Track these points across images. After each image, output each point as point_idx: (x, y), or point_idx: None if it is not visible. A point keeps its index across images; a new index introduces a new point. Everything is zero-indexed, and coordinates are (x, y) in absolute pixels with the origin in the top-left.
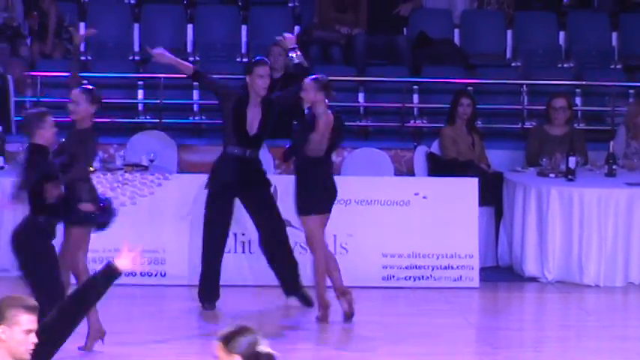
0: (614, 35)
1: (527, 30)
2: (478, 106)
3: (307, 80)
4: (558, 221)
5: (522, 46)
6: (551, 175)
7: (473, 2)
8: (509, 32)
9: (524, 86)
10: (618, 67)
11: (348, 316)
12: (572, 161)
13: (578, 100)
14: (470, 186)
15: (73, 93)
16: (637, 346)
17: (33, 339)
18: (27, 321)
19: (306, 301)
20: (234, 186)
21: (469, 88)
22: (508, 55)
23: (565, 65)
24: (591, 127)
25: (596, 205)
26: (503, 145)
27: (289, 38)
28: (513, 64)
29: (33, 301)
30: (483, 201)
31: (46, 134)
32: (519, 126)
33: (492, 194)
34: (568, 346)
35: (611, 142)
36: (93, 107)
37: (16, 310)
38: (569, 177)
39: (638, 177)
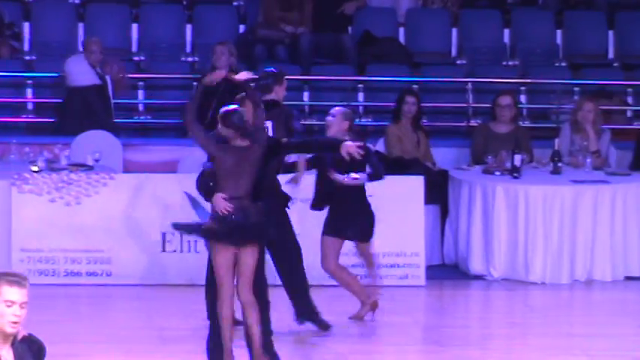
0: (559, 33)
1: (472, 28)
2: (423, 105)
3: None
4: (504, 219)
5: (467, 44)
6: (497, 172)
7: (417, 1)
8: (454, 30)
9: (470, 84)
10: (563, 64)
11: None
12: (517, 159)
13: (523, 98)
14: (415, 184)
15: None
16: (582, 343)
17: (15, 311)
18: (8, 292)
19: None
20: None
21: (414, 86)
22: (453, 53)
23: (510, 63)
24: (536, 125)
25: (541, 203)
26: (448, 143)
27: None
28: (458, 62)
29: (20, 275)
30: (429, 199)
31: None
32: (464, 124)
33: (438, 192)
34: (514, 343)
35: (556, 140)
36: None
37: None
38: (515, 174)
39: (583, 174)
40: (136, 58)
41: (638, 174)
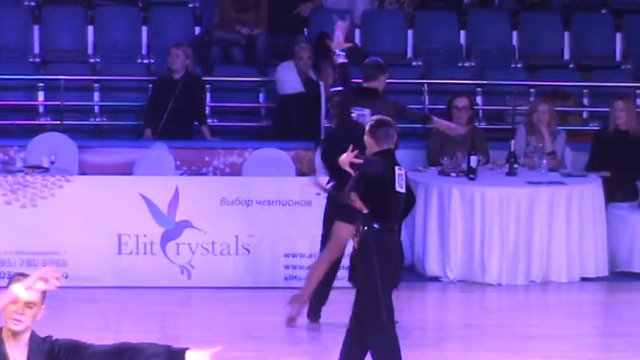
0: (515, 34)
1: (427, 29)
2: None
3: None
4: (460, 220)
5: (423, 46)
6: (453, 174)
7: (373, 2)
8: (409, 32)
9: (425, 85)
10: (519, 66)
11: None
12: (473, 160)
13: (479, 100)
14: None
15: None
16: (538, 344)
17: (18, 309)
18: (14, 290)
19: None
20: None
21: None
22: (409, 54)
23: (466, 64)
24: (492, 126)
25: (497, 204)
26: (404, 145)
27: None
28: (414, 64)
29: (26, 273)
30: None
31: None
32: (420, 125)
33: None
34: (470, 345)
35: (512, 141)
36: None
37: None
38: (471, 176)
39: (539, 176)
40: (91, 60)
41: (594, 175)
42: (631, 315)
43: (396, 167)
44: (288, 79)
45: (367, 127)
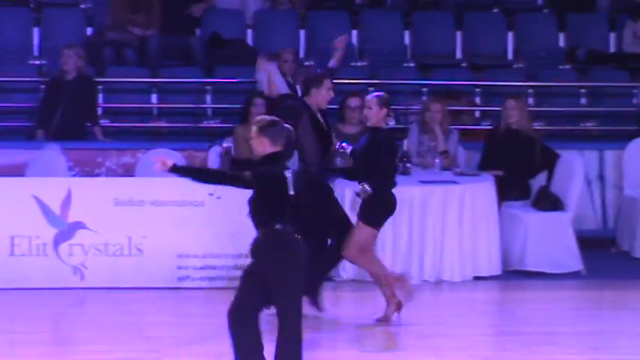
0: (407, 34)
1: (320, 29)
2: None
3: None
4: (353, 220)
5: (316, 45)
6: None
7: (265, 2)
8: (302, 31)
9: None
10: (411, 65)
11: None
12: None
13: None
14: None
15: None
16: (432, 343)
17: None
18: None
19: None
20: None
21: None
22: (302, 54)
23: (359, 64)
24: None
25: None
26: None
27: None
28: (307, 63)
29: None
30: None
31: None
32: None
33: None
34: (365, 343)
35: (405, 141)
36: None
37: None
38: None
39: (432, 175)
40: None
41: (487, 174)
42: (524, 313)
43: (287, 171)
44: (274, 80)
45: (258, 127)
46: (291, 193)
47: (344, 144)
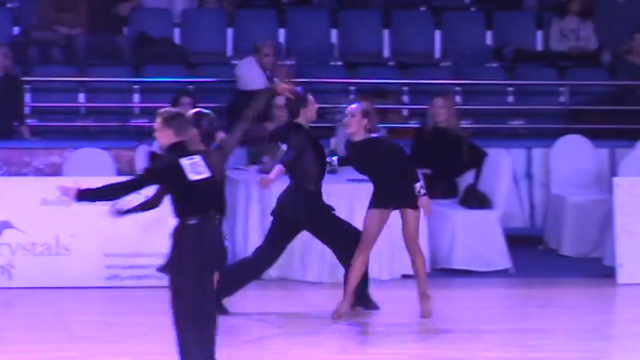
0: (334, 32)
1: (247, 28)
2: (199, 105)
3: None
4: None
5: (243, 44)
6: None
7: (193, 1)
8: (229, 30)
9: None
10: (339, 63)
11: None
12: None
13: None
14: None
15: None
16: (360, 341)
17: None
18: None
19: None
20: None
21: (190, 87)
22: (229, 53)
23: (287, 63)
24: (312, 124)
25: None
26: None
27: None
28: (234, 62)
29: None
30: None
31: None
32: None
33: None
34: (292, 342)
35: (333, 139)
36: None
37: None
38: None
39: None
40: None
41: None
42: (452, 311)
43: (185, 158)
44: (251, 74)
45: (163, 119)
46: (192, 178)
47: (333, 158)
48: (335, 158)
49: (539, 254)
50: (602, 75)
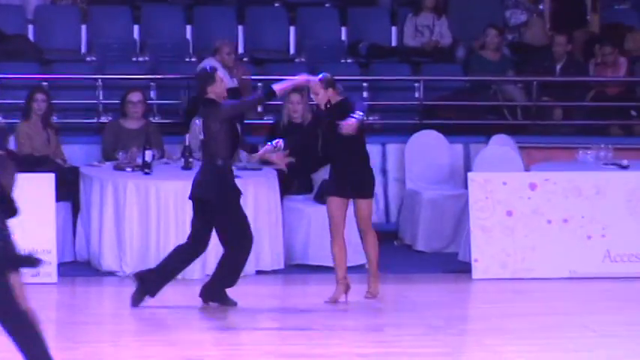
0: (189, 28)
1: (101, 24)
2: (53, 102)
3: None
4: (136, 215)
5: (97, 41)
6: (128, 169)
7: None
8: (83, 27)
9: (100, 81)
10: (193, 59)
11: None
12: (148, 155)
13: (153, 94)
14: (46, 181)
15: None
16: (216, 337)
17: None
18: None
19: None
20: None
21: (44, 83)
22: (83, 49)
23: (140, 59)
24: (167, 121)
25: (173, 198)
26: (79, 140)
27: None
28: (88, 59)
29: None
30: (60, 196)
31: None
32: (95, 121)
33: (69, 189)
34: (146, 339)
35: (187, 135)
36: None
37: None
38: (146, 170)
39: None
40: None
41: (269, 168)
42: (307, 307)
43: None
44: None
45: None
46: None
47: (278, 140)
48: (279, 141)
49: (394, 250)
50: (456, 70)
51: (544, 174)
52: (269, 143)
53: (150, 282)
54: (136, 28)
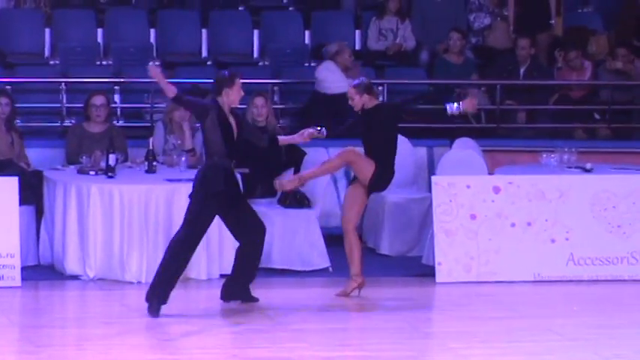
0: (153, 32)
1: (65, 28)
2: (17, 105)
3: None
4: (99, 219)
5: (61, 44)
6: (92, 172)
7: (10, 1)
8: (47, 30)
9: (63, 84)
10: (157, 63)
11: None
12: (112, 158)
13: (117, 97)
14: (9, 185)
15: None
16: (187, 341)
17: None
18: None
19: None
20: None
21: (7, 87)
22: (46, 53)
23: (104, 62)
24: (131, 124)
25: (137, 202)
26: (43, 144)
27: None
28: (52, 63)
29: None
30: (24, 200)
31: None
32: (59, 124)
33: (33, 193)
34: (111, 343)
35: (151, 139)
36: None
37: None
38: (110, 174)
39: (178, 172)
40: None
41: (235, 171)
42: (272, 311)
43: None
44: (333, 77)
45: None
46: None
47: (323, 128)
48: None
49: None
50: (420, 74)
51: (508, 177)
52: (317, 127)
53: (156, 296)
54: (99, 31)
